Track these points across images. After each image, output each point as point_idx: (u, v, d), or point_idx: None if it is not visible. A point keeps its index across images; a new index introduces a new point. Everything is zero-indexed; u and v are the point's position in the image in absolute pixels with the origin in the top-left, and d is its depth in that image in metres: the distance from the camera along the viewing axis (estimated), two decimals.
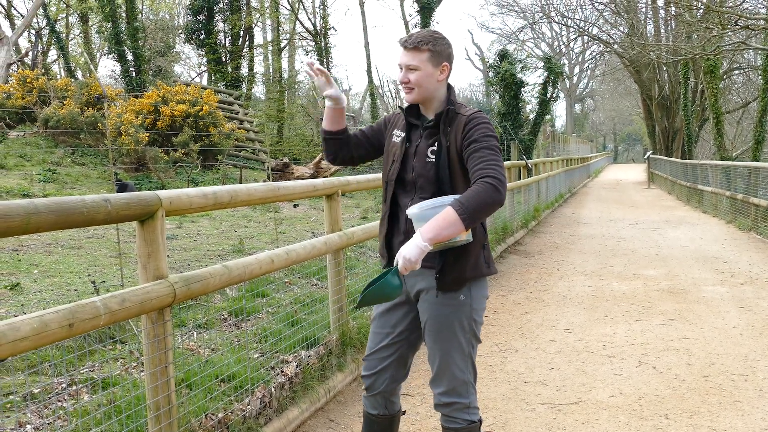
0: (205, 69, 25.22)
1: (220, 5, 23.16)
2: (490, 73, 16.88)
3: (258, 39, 31.72)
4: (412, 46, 2.33)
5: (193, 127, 13.38)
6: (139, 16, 22.71)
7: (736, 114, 28.73)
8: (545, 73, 16.25)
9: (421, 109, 2.45)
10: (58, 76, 23.35)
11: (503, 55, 15.23)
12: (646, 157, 30.89)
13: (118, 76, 21.72)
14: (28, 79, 15.42)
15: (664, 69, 27.78)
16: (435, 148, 2.36)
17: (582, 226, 12.48)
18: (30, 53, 23.87)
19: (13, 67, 19.45)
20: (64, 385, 3.16)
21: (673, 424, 3.44)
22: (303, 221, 9.41)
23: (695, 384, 4.00)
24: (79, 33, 28.02)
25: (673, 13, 21.62)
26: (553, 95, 16.80)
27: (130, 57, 19.78)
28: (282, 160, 13.35)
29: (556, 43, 52.10)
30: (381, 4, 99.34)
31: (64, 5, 26.13)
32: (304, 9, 26.15)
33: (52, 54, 28.09)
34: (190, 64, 35.55)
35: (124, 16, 19.81)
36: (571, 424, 3.46)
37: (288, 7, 26.59)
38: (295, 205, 11.06)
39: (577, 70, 59.64)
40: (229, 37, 24.07)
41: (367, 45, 29.17)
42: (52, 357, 3.38)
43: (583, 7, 30.36)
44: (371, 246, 6.88)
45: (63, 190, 10.02)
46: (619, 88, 47.00)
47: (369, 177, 4.58)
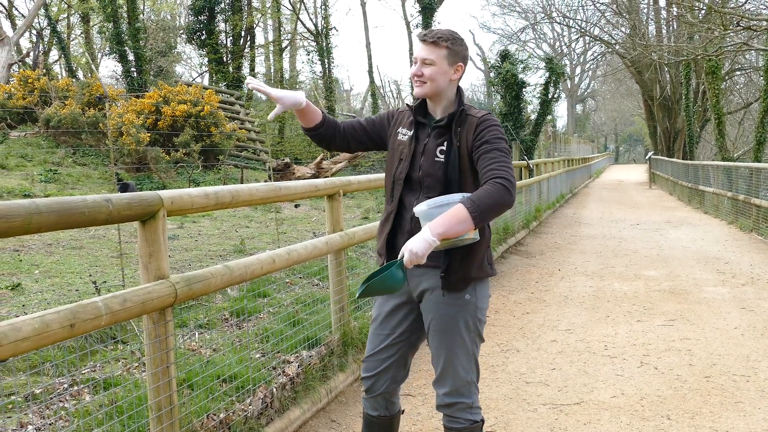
0: (207, 69, 25.23)
1: (222, 5, 23.17)
2: (492, 74, 16.86)
3: (259, 39, 31.85)
4: (432, 40, 2.33)
5: (195, 128, 13.38)
6: (141, 16, 22.71)
7: (738, 115, 28.70)
8: (547, 74, 16.23)
9: (429, 107, 2.44)
10: (60, 77, 23.35)
11: (505, 56, 15.20)
12: (647, 157, 30.88)
13: (119, 77, 21.73)
14: (30, 80, 15.43)
15: (666, 70, 27.77)
16: (444, 147, 2.35)
17: (583, 227, 12.48)
18: (31, 53, 23.88)
19: (15, 67, 19.48)
20: (65, 385, 3.16)
21: (674, 424, 3.43)
22: (304, 221, 9.41)
23: (697, 385, 4.00)
24: (81, 33, 28.04)
25: (674, 13, 21.62)
26: (555, 96, 16.75)
27: (131, 57, 19.79)
28: (283, 160, 13.35)
29: (558, 43, 52.12)
30: (382, 4, 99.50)
31: (66, 5, 26.15)
32: (306, 9, 26.16)
33: (54, 54, 28.14)
34: (191, 65, 35.58)
35: (126, 16, 19.82)
36: (572, 424, 3.46)
37: (289, 7, 26.61)
38: (296, 206, 11.06)
39: (578, 70, 59.64)
40: (231, 38, 24.10)
41: (368, 45, 29.25)
42: (54, 357, 3.38)
43: (585, 7, 30.39)
44: (372, 246, 6.87)
45: (64, 191, 10.02)
46: (620, 89, 46.97)
47: (370, 177, 4.57)
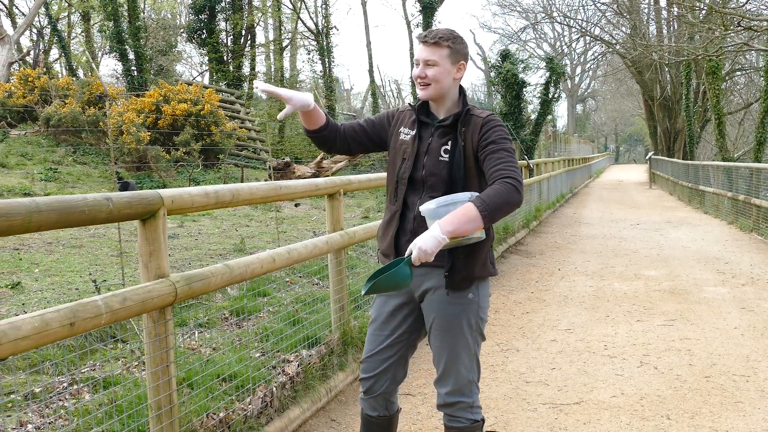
0: (207, 68, 25.23)
1: (222, 4, 23.17)
2: (492, 73, 16.85)
3: (260, 38, 31.88)
4: (433, 41, 2.31)
5: (195, 126, 13.39)
6: (141, 15, 22.71)
7: (738, 115, 28.71)
8: (547, 74, 16.23)
9: (432, 107, 2.42)
10: (60, 75, 23.36)
11: (505, 55, 15.20)
12: (647, 157, 30.88)
13: (119, 75, 21.73)
14: (30, 78, 15.43)
15: (666, 70, 27.77)
16: (448, 147, 2.34)
17: (583, 227, 12.47)
18: (32, 52, 23.90)
19: (15, 65, 19.48)
20: (65, 384, 3.16)
21: (674, 424, 3.43)
22: (304, 220, 9.41)
23: (697, 384, 4.00)
24: (81, 32, 28.03)
25: (675, 13, 21.62)
26: (555, 95, 16.75)
27: (131, 56, 19.79)
28: (283, 159, 13.35)
29: (558, 43, 52.08)
30: (383, 3, 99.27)
31: (66, 4, 26.16)
32: (306, 8, 26.15)
33: (54, 53, 28.14)
34: (191, 63, 35.57)
35: (126, 15, 19.82)
36: (572, 424, 3.46)
37: (290, 6, 26.61)
38: (296, 205, 11.06)
39: (578, 70, 59.62)
40: (231, 37, 24.11)
41: (369, 44, 29.24)
42: (53, 356, 3.38)
43: (586, 7, 30.38)
44: (372, 245, 6.87)
45: (64, 189, 10.02)
46: (620, 89, 46.95)
47: (371, 176, 4.57)
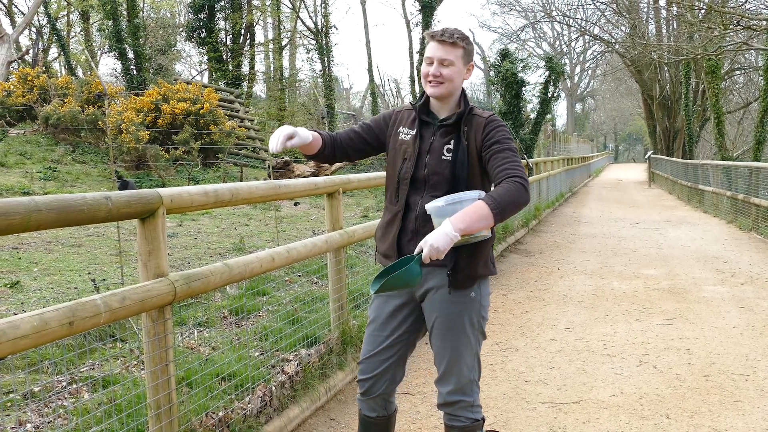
0: (206, 67, 25.22)
1: (221, 3, 23.15)
2: (492, 72, 16.85)
3: (259, 37, 31.85)
4: (451, 40, 2.30)
5: (194, 125, 13.38)
6: (140, 14, 22.70)
7: (737, 114, 28.73)
8: (546, 73, 16.23)
9: (433, 106, 2.41)
10: (59, 74, 23.34)
11: (504, 55, 15.20)
12: (646, 156, 30.88)
13: (118, 74, 21.72)
14: (29, 77, 15.42)
15: (666, 69, 27.78)
16: (451, 146, 2.33)
17: (582, 226, 12.47)
18: (31, 51, 23.87)
19: (14, 64, 19.45)
20: (64, 383, 3.15)
21: (673, 423, 3.43)
22: (304, 220, 9.41)
23: (696, 383, 4.00)
24: (80, 31, 28.01)
25: (674, 13, 21.62)
26: (554, 94, 16.75)
27: (131, 55, 19.79)
28: (283, 158, 13.35)
29: (558, 42, 52.08)
30: (382, 2, 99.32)
31: (65, 3, 26.12)
32: (306, 7, 26.14)
33: (53, 52, 28.11)
34: (191, 63, 35.56)
35: (125, 14, 19.82)
36: (571, 423, 3.46)
37: (289, 5, 26.59)
38: (295, 204, 11.06)
39: (578, 69, 59.63)
40: (230, 36, 24.09)
41: (368, 44, 29.25)
42: (53, 355, 3.38)
43: (585, 6, 30.37)
44: (372, 245, 6.87)
45: (63, 188, 10.01)
46: (620, 88, 46.99)
47: (370, 175, 4.57)
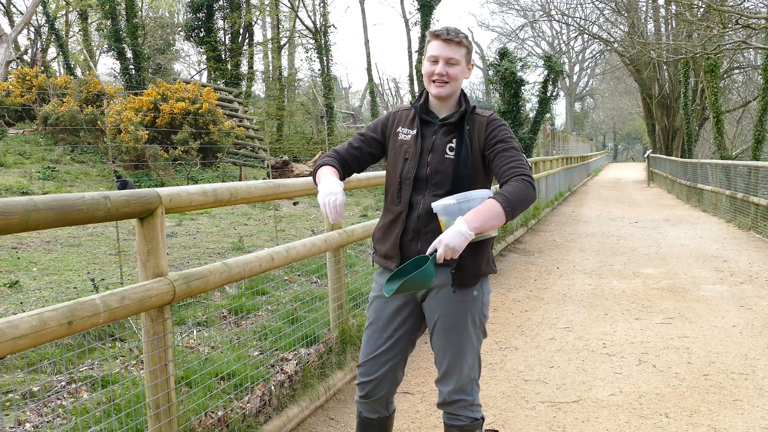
0: (205, 67, 25.21)
1: (220, 3, 23.14)
2: (490, 72, 16.84)
3: (258, 37, 31.79)
4: (457, 39, 2.28)
5: (193, 125, 13.38)
6: (139, 13, 22.68)
7: (736, 113, 28.74)
8: (545, 72, 16.22)
9: (433, 106, 2.40)
10: (58, 74, 23.33)
11: (503, 54, 15.19)
12: (645, 155, 30.91)
13: (117, 74, 21.71)
14: (28, 77, 15.42)
15: (665, 68, 27.80)
16: (453, 144, 2.32)
17: (582, 225, 12.48)
18: (29, 51, 23.85)
19: (13, 64, 19.45)
20: (63, 383, 3.15)
21: (673, 422, 3.43)
22: (303, 219, 9.41)
23: (695, 383, 4.00)
24: (79, 30, 27.98)
25: (673, 11, 21.62)
26: (553, 94, 16.74)
27: (129, 54, 19.77)
28: (282, 157, 13.35)
29: (557, 41, 52.06)
30: (381, 1, 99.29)
31: (64, 2, 26.09)
32: (304, 6, 26.11)
33: (52, 51, 28.08)
34: (189, 62, 35.56)
35: (124, 13, 19.80)
36: (571, 422, 3.46)
37: (288, 4, 26.56)
38: (294, 203, 11.06)
39: (577, 68, 59.66)
40: (229, 35, 24.07)
41: (367, 43, 29.17)
42: (52, 355, 3.38)
43: (584, 5, 30.34)
44: (371, 244, 6.87)
45: (62, 188, 10.01)
46: (619, 87, 47.02)
47: (369, 175, 4.56)
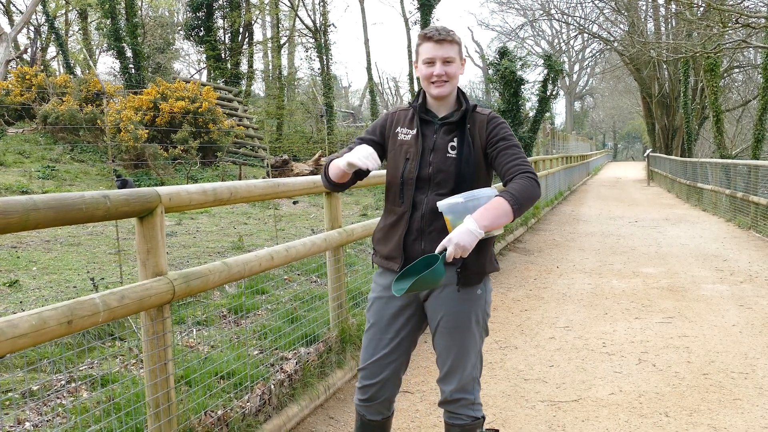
0: (205, 66, 25.21)
1: (220, 2, 23.12)
2: (490, 71, 16.83)
3: (257, 36, 31.77)
4: (450, 38, 2.28)
5: (193, 124, 13.37)
6: (139, 12, 22.66)
7: (736, 112, 28.74)
8: (545, 71, 16.22)
9: (431, 105, 2.39)
10: (57, 73, 23.32)
11: (503, 53, 15.18)
12: (645, 155, 30.91)
13: (117, 73, 21.71)
14: (27, 76, 15.41)
15: (664, 67, 27.79)
16: (455, 143, 2.31)
17: (581, 224, 12.48)
18: (29, 50, 23.83)
19: (12, 63, 19.44)
20: (63, 382, 3.15)
21: (672, 421, 3.43)
22: (302, 218, 9.40)
23: (695, 382, 4.00)
24: (78, 29, 27.98)
25: (673, 10, 21.61)
26: (553, 93, 16.72)
27: (129, 54, 19.76)
28: (281, 157, 13.35)
29: (557, 40, 52.06)
30: (381, 1, 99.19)
31: (63, 1, 26.08)
32: (304, 6, 26.10)
33: (51, 50, 28.07)
34: (189, 61, 35.56)
35: (124, 12, 19.78)
36: (570, 421, 3.46)
37: (288, 3, 26.54)
38: (294, 202, 11.06)
39: (577, 67, 59.64)
40: (229, 34, 24.06)
41: (366, 42, 29.13)
42: (51, 354, 3.38)
43: (584, 4, 30.33)
44: (371, 243, 6.87)
45: (62, 187, 10.00)
46: (619, 86, 47.01)
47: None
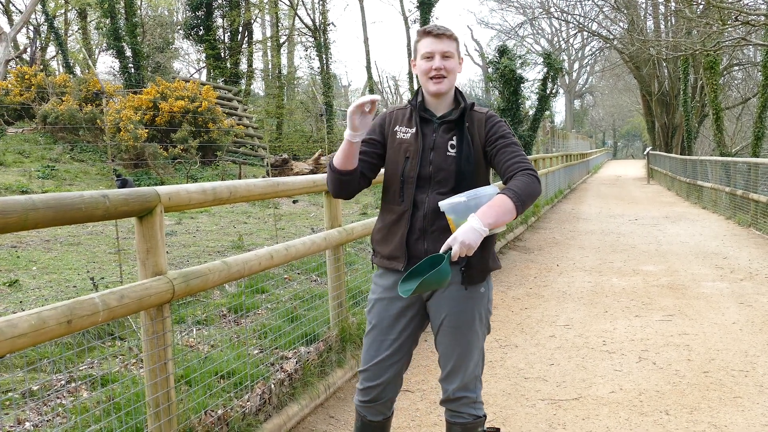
0: (204, 65, 25.20)
1: (219, 1, 23.11)
2: (490, 69, 16.83)
3: (257, 35, 31.74)
4: (449, 34, 2.30)
5: (192, 123, 13.36)
6: (138, 12, 22.65)
7: (736, 110, 28.71)
8: (545, 69, 16.22)
9: (429, 104, 2.38)
10: (57, 73, 23.30)
11: (503, 51, 15.18)
12: (645, 153, 30.90)
13: (116, 72, 21.68)
14: (27, 76, 15.40)
15: (664, 65, 27.76)
16: (454, 142, 2.31)
17: (581, 222, 12.48)
18: (28, 49, 23.82)
19: (12, 63, 19.43)
20: (63, 382, 3.15)
21: (673, 419, 3.43)
22: (302, 217, 9.40)
23: (695, 380, 4.00)
24: (78, 29, 27.96)
25: (673, 8, 21.60)
26: (553, 91, 16.72)
27: (128, 53, 19.75)
28: (281, 156, 13.35)
29: (556, 39, 52.07)
30: None
31: (63, 1, 26.06)
32: (303, 5, 26.08)
33: (51, 50, 28.05)
34: (189, 60, 35.54)
35: (123, 12, 19.77)
36: (571, 420, 3.46)
37: (287, 2, 26.53)
38: (294, 201, 11.05)
39: (576, 66, 59.62)
40: (228, 33, 24.06)
41: (366, 41, 29.08)
42: (51, 354, 3.37)
43: (583, 2, 30.32)
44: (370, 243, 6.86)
45: (62, 187, 10.00)
46: (618, 84, 46.97)
47: None
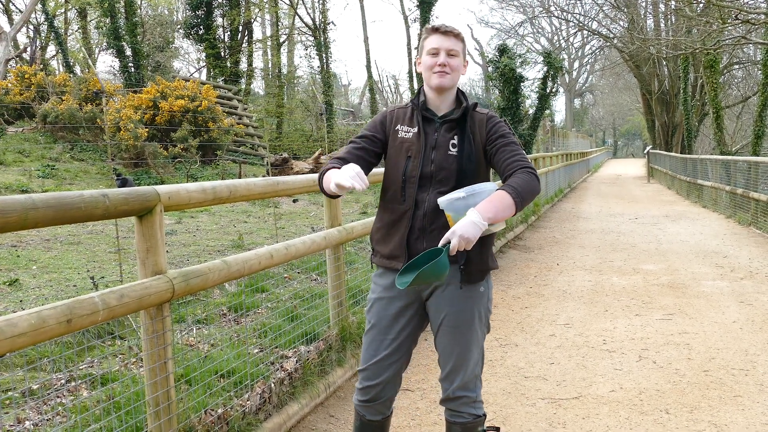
0: (204, 64, 25.20)
1: (219, 0, 23.10)
2: (490, 68, 16.83)
3: (257, 34, 31.73)
4: (456, 32, 2.33)
5: (192, 123, 13.36)
6: (138, 11, 22.62)
7: (736, 109, 28.71)
8: (545, 68, 16.23)
9: (431, 103, 2.39)
10: (57, 72, 23.30)
11: (503, 50, 15.19)
12: (645, 152, 30.90)
13: (116, 72, 21.66)
14: (27, 75, 15.40)
15: (664, 64, 27.75)
16: (456, 141, 2.33)
17: (582, 221, 12.48)
18: (28, 49, 23.83)
19: (12, 62, 19.43)
20: (63, 381, 3.15)
21: (673, 418, 3.43)
22: (302, 216, 9.40)
23: (695, 379, 4.00)
24: (78, 28, 27.94)
25: (673, 7, 21.59)
26: (553, 90, 16.72)
27: (128, 52, 19.73)
28: (281, 155, 13.34)
29: (556, 37, 52.05)
30: None
31: (63, 0, 26.05)
32: (303, 4, 26.06)
33: (51, 49, 28.04)
34: (189, 60, 35.54)
35: (123, 11, 19.75)
36: (571, 419, 3.46)
37: (287, 2, 26.51)
38: (294, 200, 11.05)
39: (576, 64, 59.59)
40: (228, 33, 24.04)
41: (366, 40, 29.07)
42: (51, 353, 3.38)
43: (583, 1, 30.33)
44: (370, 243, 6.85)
45: (62, 186, 10.00)
46: (618, 83, 46.96)
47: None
